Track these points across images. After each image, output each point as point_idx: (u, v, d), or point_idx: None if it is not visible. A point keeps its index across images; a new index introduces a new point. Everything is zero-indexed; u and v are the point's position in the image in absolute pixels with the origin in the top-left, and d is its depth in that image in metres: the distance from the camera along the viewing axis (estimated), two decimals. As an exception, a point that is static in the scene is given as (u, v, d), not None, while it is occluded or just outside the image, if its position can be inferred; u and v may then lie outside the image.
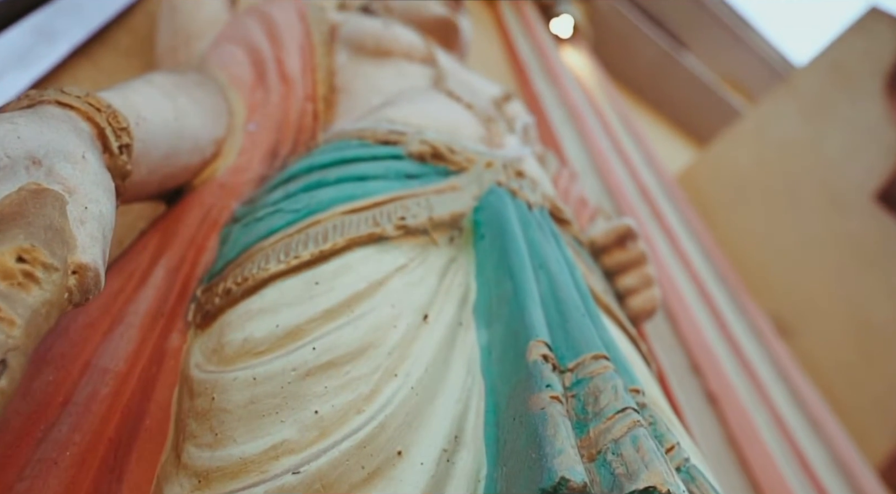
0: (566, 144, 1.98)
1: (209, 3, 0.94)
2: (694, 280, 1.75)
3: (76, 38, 0.97)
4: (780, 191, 2.37)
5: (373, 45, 0.93)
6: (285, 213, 0.58)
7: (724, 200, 2.67)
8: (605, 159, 2.00)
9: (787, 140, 2.38)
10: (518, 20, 2.68)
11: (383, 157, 0.67)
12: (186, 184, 0.67)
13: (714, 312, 1.71)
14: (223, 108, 0.73)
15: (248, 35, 0.86)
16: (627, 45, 3.50)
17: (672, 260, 1.77)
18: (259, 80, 0.81)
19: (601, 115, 2.33)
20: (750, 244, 2.49)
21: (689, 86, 3.77)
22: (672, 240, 1.85)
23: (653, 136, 3.39)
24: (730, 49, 3.95)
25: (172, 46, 0.90)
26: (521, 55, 2.44)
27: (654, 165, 2.27)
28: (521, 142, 0.90)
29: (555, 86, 2.29)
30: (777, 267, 2.38)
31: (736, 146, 2.63)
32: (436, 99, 0.83)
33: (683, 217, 2.08)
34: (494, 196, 0.65)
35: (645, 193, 1.99)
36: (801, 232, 2.31)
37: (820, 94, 2.29)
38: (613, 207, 1.83)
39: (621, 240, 0.81)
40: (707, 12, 3.75)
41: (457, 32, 1.21)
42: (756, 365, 1.68)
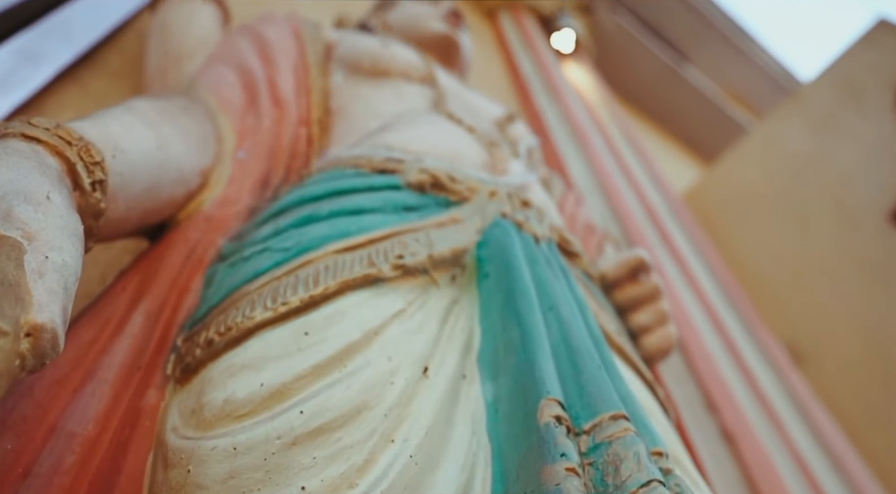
0: (570, 164, 1.95)
1: (201, 21, 0.91)
2: (705, 307, 1.70)
3: (63, 60, 0.94)
4: (790, 209, 2.34)
5: (370, 65, 0.90)
6: (274, 252, 0.54)
7: (732, 219, 2.63)
8: (610, 179, 1.97)
9: (795, 156, 2.35)
10: (519, 35, 2.66)
11: (380, 188, 0.63)
12: (170, 218, 0.63)
13: (727, 341, 1.66)
14: (211, 135, 0.70)
15: (239, 55, 0.83)
16: (630, 59, 3.49)
17: (682, 285, 1.73)
18: (250, 104, 0.77)
19: (605, 133, 2.30)
20: (759, 265, 2.45)
21: (692, 101, 3.76)
22: (681, 265, 1.81)
23: (657, 153, 3.37)
24: (732, 63, 3.95)
25: (162, 67, 0.87)
26: (523, 71, 2.43)
27: (661, 186, 2.24)
28: (525, 166, 0.87)
29: (558, 104, 2.26)
30: (788, 290, 2.33)
31: (743, 163, 2.60)
32: (436, 122, 0.79)
33: (692, 239, 2.04)
34: (499, 229, 0.62)
35: (652, 215, 1.95)
36: (812, 252, 2.27)
37: (828, 109, 2.26)
38: (620, 230, 1.79)
39: (633, 273, 0.77)
40: (709, 25, 3.75)
41: (457, 49, 1.18)
42: (773, 400, 1.62)
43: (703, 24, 3.73)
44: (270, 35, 0.88)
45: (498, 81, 2.36)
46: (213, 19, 0.95)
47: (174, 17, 0.91)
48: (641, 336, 0.75)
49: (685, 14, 3.65)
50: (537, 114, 2.19)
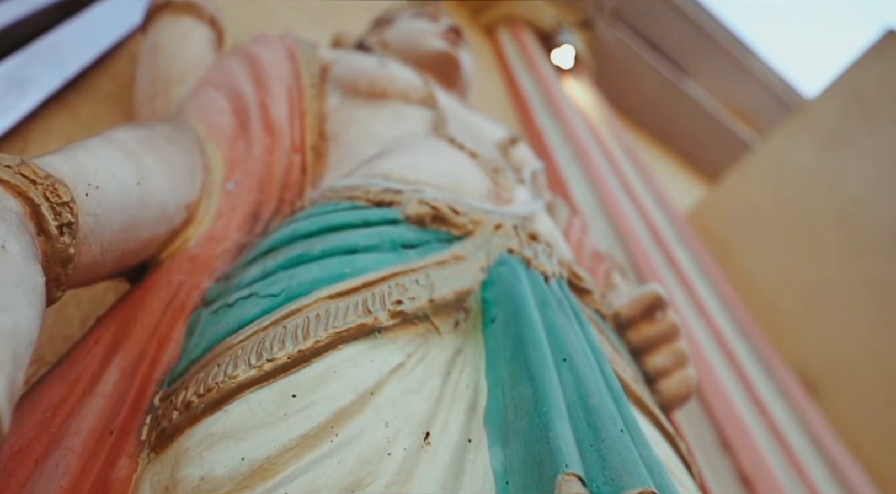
0: (572, 185, 1.91)
1: (192, 43, 0.88)
2: (715, 335, 1.66)
3: (51, 86, 0.91)
4: (799, 230, 2.29)
5: (367, 87, 0.86)
6: (260, 299, 0.49)
7: (738, 240, 2.58)
8: (614, 201, 1.93)
9: (803, 174, 2.30)
10: (518, 51, 2.64)
11: (376, 223, 0.59)
12: (152, 258, 0.59)
13: (740, 374, 1.61)
14: (198, 166, 0.65)
15: (230, 78, 0.80)
16: (629, 74, 3.48)
17: (691, 312, 1.68)
18: (241, 131, 0.73)
19: (607, 152, 2.27)
20: (767, 288, 2.39)
21: (693, 117, 3.74)
22: (689, 291, 1.77)
23: (658, 170, 3.34)
24: (732, 77, 3.93)
25: (151, 93, 0.83)
26: (523, 88, 2.40)
27: (666, 207, 2.20)
28: (530, 192, 0.83)
29: (559, 122, 2.23)
30: (798, 315, 2.27)
31: (749, 181, 2.55)
32: (436, 147, 0.75)
33: (700, 264, 2.00)
34: (506, 268, 0.57)
35: (658, 239, 1.91)
36: (823, 274, 2.21)
37: (836, 125, 2.22)
38: (625, 254, 1.75)
39: (649, 311, 0.72)
40: (709, 40, 3.74)
41: (458, 68, 1.15)
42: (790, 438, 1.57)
43: (703, 39, 3.72)
44: (263, 56, 0.84)
45: (498, 99, 2.33)
46: (206, 41, 0.91)
47: (164, 39, 0.87)
48: (659, 380, 0.70)
49: (684, 28, 3.64)
50: (538, 133, 2.16)
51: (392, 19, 1.25)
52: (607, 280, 1.09)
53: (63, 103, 0.91)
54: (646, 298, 0.72)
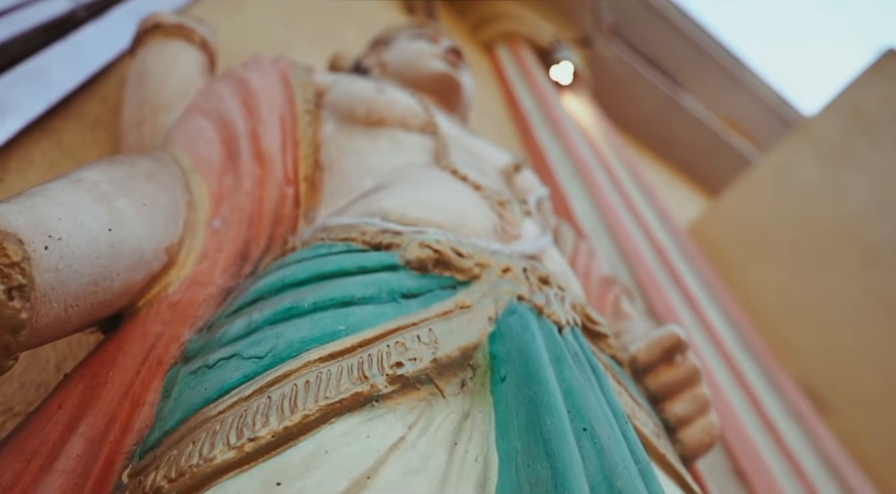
0: (575, 203, 1.86)
1: (182, 68, 0.82)
2: (722, 355, 1.60)
3: (34, 111, 0.85)
4: (803, 245, 2.24)
5: (364, 113, 0.81)
6: (243, 361, 0.44)
7: (741, 255, 2.52)
8: (616, 219, 1.87)
9: (806, 190, 2.26)
10: (517, 68, 2.60)
11: (374, 269, 0.53)
12: (128, 307, 0.53)
13: (749, 395, 1.55)
14: (182, 203, 0.60)
15: (220, 105, 0.74)
16: (626, 89, 3.44)
17: (696, 330, 1.62)
18: (229, 162, 0.68)
19: (609, 169, 2.22)
20: (771, 302, 2.33)
21: (690, 130, 3.71)
22: (695, 308, 1.71)
23: (657, 183, 3.29)
24: (726, 89, 3.90)
25: (138, 120, 0.78)
26: (522, 105, 2.35)
27: (669, 223, 2.15)
28: (538, 224, 0.77)
29: (559, 139, 2.18)
30: (803, 331, 2.21)
31: (750, 196, 2.50)
32: (438, 180, 0.70)
33: (705, 281, 1.94)
34: (516, 318, 0.51)
35: (662, 257, 1.85)
36: (828, 290, 2.16)
37: (838, 141, 2.17)
38: (629, 273, 1.69)
39: (668, 354, 0.66)
40: (703, 54, 3.71)
41: (458, 90, 1.09)
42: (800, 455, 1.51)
43: (697, 53, 3.69)
44: (255, 82, 0.79)
45: (497, 116, 2.29)
46: (197, 64, 0.86)
47: (152, 63, 0.82)
48: (680, 429, 0.64)
49: (678, 43, 3.61)
50: (539, 151, 2.11)
51: (390, 40, 1.20)
52: (616, 308, 1.03)
53: (46, 129, 0.85)
54: (665, 342, 0.66)
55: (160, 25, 0.85)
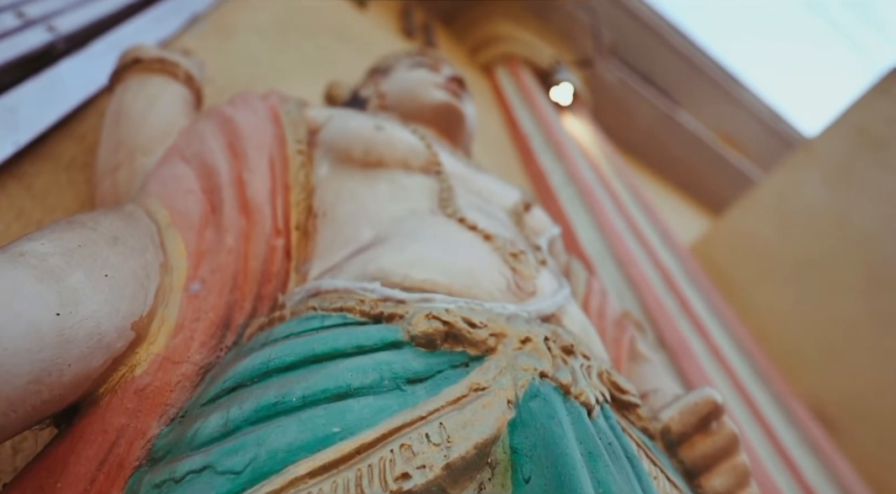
0: (579, 229, 1.79)
1: (164, 105, 0.75)
2: (737, 386, 1.51)
3: (2, 154, 0.78)
4: (810, 265, 2.17)
5: (361, 154, 0.73)
6: (217, 477, 0.35)
7: (745, 275, 2.45)
8: (622, 244, 1.80)
9: (812, 209, 2.19)
10: (517, 90, 2.54)
11: (374, 348, 0.45)
12: (87, 396, 0.45)
13: (761, 422, 1.46)
14: (154, 267, 0.52)
15: (202, 149, 0.66)
16: (625, 108, 3.39)
17: (709, 362, 1.54)
18: (212, 214, 0.60)
19: (612, 191, 2.15)
20: (777, 323, 2.26)
21: (690, 148, 3.65)
22: (705, 336, 1.63)
23: (658, 202, 3.22)
24: (722, 106, 3.86)
25: (113, 164, 0.70)
26: (523, 127, 2.29)
27: (674, 247, 2.07)
28: (553, 274, 0.69)
29: (561, 161, 2.12)
30: (813, 353, 2.13)
31: (753, 216, 2.44)
32: (444, 231, 0.62)
33: (714, 306, 1.86)
34: (540, 403, 0.43)
35: (670, 283, 1.77)
36: (836, 311, 2.08)
37: (844, 161, 2.11)
38: (637, 301, 1.61)
39: (704, 423, 0.58)
40: (698, 71, 3.67)
41: (461, 121, 1.02)
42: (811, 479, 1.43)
43: (694, 70, 3.65)
44: (242, 120, 0.71)
45: (498, 139, 2.22)
46: (180, 101, 0.78)
47: (131, 101, 0.74)
48: (720, 509, 0.56)
49: (674, 61, 3.57)
50: (541, 174, 2.04)
51: (389, 68, 1.13)
52: (632, 351, 0.96)
53: (15, 173, 0.77)
54: (700, 409, 0.58)
55: (140, 60, 0.78)
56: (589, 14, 2.74)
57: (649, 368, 0.94)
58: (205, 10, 1.33)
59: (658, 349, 1.50)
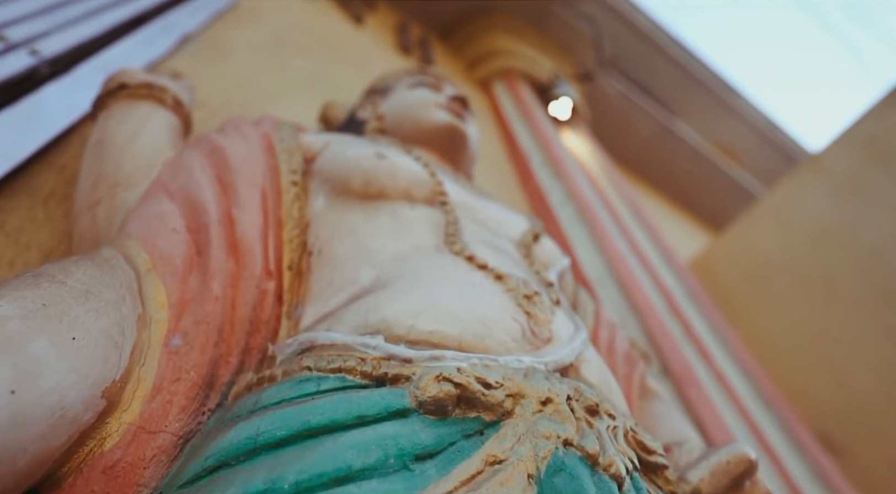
0: (579, 249, 1.73)
1: (148, 134, 0.70)
2: (739, 410, 1.46)
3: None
4: (815, 281, 2.12)
5: (361, 185, 0.68)
6: None
7: (747, 291, 2.40)
8: (622, 264, 1.75)
9: (817, 224, 2.15)
10: (515, 105, 2.50)
11: (377, 418, 0.39)
12: (48, 477, 0.39)
13: (767, 450, 1.41)
14: (130, 321, 0.46)
15: (189, 183, 0.61)
16: (624, 121, 3.36)
17: (714, 389, 1.48)
18: (197, 257, 0.55)
19: (612, 209, 2.10)
20: (779, 340, 2.21)
21: (688, 161, 3.63)
22: (709, 362, 1.58)
23: (657, 216, 3.18)
24: (720, 117, 3.83)
25: (92, 200, 0.64)
26: (522, 144, 2.25)
27: (676, 267, 2.02)
28: (567, 314, 0.64)
29: (561, 179, 2.07)
30: (817, 372, 2.08)
31: (757, 231, 2.40)
32: (451, 272, 0.56)
33: (717, 330, 1.81)
34: (565, 479, 0.38)
35: (673, 306, 1.72)
36: (842, 330, 2.04)
37: (852, 174, 2.07)
38: (639, 325, 1.56)
39: (737, 482, 0.53)
40: (695, 81, 3.64)
41: (465, 143, 0.98)
42: None
43: (691, 81, 3.63)
44: (232, 151, 0.66)
45: (496, 157, 2.17)
46: (167, 130, 0.73)
47: (114, 131, 0.69)
48: None
49: (671, 71, 3.55)
50: (540, 193, 1.99)
51: (388, 88, 1.08)
52: (643, 387, 0.92)
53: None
54: (733, 469, 0.53)
55: (125, 85, 0.73)
56: (590, 26, 2.71)
57: (661, 407, 0.89)
58: (196, 30, 1.28)
59: (663, 377, 1.44)
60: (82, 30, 1.03)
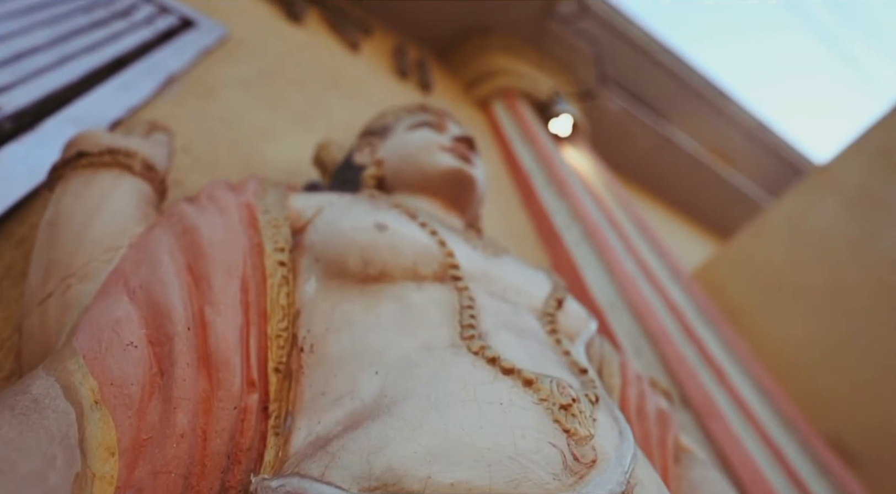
0: (587, 273, 1.61)
1: (110, 212, 0.58)
2: (759, 432, 1.34)
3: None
4: (827, 292, 2.01)
5: (359, 266, 0.56)
6: None
7: (754, 301, 2.29)
8: (633, 286, 1.63)
9: (827, 234, 2.04)
10: (515, 124, 2.38)
11: None
12: None
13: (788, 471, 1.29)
14: (64, 481, 0.34)
15: (153, 278, 0.49)
16: (623, 132, 3.25)
17: (737, 420, 1.36)
18: (159, 379, 0.43)
19: (618, 228, 1.98)
20: (793, 354, 2.09)
21: (688, 170, 3.51)
22: (731, 391, 1.45)
23: (658, 226, 3.07)
24: (715, 123, 3.72)
25: (43, 294, 0.53)
26: (523, 164, 2.13)
27: (687, 286, 1.90)
28: (607, 413, 0.52)
29: (565, 199, 1.95)
30: (831, 383, 1.97)
31: (762, 241, 2.28)
32: (472, 384, 0.44)
33: (735, 353, 1.69)
34: None
35: (687, 329, 1.60)
36: (855, 340, 1.92)
37: (863, 185, 1.96)
38: (654, 353, 1.44)
39: None
40: (688, 89, 3.53)
41: (473, 188, 0.86)
42: None
43: (684, 88, 3.51)
44: (207, 232, 0.54)
45: (498, 178, 2.05)
46: (134, 202, 0.61)
47: (70, 209, 0.57)
48: None
49: (666, 80, 3.43)
50: (544, 214, 1.88)
51: (386, 129, 0.97)
52: (678, 448, 0.80)
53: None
54: None
55: (84, 153, 0.61)
56: (591, 45, 2.60)
57: (700, 474, 0.78)
58: (182, 69, 1.16)
59: (683, 408, 1.32)
60: (53, 79, 0.91)
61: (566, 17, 2.55)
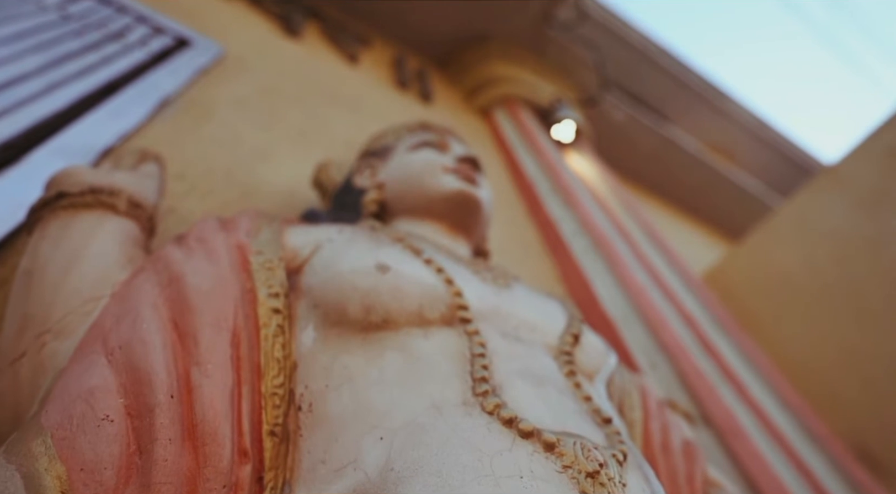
0: (597, 285, 1.56)
1: (92, 260, 0.53)
2: (790, 456, 1.27)
3: None
4: (842, 295, 1.94)
5: (360, 313, 0.51)
6: None
7: (767, 304, 2.22)
8: (645, 298, 1.57)
9: (840, 235, 1.97)
10: (517, 132, 2.32)
11: None
12: None
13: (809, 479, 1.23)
14: None
15: (133, 337, 0.44)
16: (625, 135, 3.18)
17: (762, 439, 1.30)
18: (137, 458, 0.37)
19: (626, 235, 1.92)
20: (811, 358, 2.03)
21: (692, 170, 3.44)
22: (751, 404, 1.39)
23: (668, 229, 3.00)
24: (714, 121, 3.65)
25: (16, 353, 0.48)
26: (528, 173, 2.07)
27: (703, 299, 1.84)
28: (637, 470, 0.46)
29: (571, 208, 1.90)
30: (852, 387, 1.91)
31: (773, 243, 2.22)
32: (488, 453, 0.39)
33: (754, 363, 1.63)
34: None
35: (703, 340, 1.54)
36: (877, 343, 1.85)
37: (875, 184, 1.90)
38: (671, 367, 1.38)
39: None
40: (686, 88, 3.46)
41: (478, 210, 0.81)
42: None
43: (683, 88, 3.44)
44: (194, 281, 0.49)
45: (502, 188, 2.00)
46: (119, 246, 0.56)
47: (48, 254, 0.52)
48: None
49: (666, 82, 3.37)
50: (551, 224, 1.82)
51: (387, 150, 0.92)
52: (706, 483, 0.75)
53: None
54: None
55: (64, 193, 0.56)
56: (592, 51, 2.54)
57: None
58: (177, 91, 1.11)
59: (704, 427, 1.26)
60: (42, 106, 0.87)
61: (565, 24, 2.49)
